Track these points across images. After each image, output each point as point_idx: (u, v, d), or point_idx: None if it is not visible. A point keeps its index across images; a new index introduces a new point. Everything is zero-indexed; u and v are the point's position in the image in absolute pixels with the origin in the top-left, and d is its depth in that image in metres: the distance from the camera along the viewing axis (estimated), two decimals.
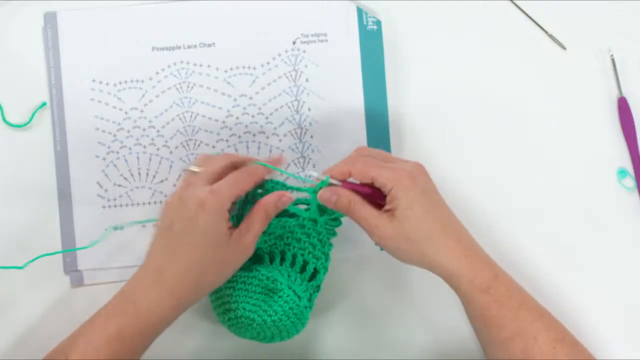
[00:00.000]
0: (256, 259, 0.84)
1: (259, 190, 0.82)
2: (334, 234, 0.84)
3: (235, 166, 0.81)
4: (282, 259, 0.84)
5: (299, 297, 0.81)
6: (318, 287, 0.84)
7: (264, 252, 0.84)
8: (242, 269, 0.81)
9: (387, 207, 0.77)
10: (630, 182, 0.94)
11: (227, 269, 0.79)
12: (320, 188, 0.79)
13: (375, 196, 0.79)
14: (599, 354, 0.79)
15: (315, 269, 0.83)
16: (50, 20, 0.92)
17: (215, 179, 0.78)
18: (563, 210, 0.93)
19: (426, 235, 0.76)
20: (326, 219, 0.82)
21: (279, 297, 0.80)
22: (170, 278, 0.76)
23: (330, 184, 0.79)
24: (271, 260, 0.84)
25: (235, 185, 0.77)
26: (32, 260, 0.85)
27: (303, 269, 0.84)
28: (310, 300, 0.83)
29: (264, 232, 0.82)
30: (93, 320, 0.76)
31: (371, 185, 0.79)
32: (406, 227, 0.76)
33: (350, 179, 0.79)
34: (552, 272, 0.89)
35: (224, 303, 0.82)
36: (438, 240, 0.77)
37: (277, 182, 0.82)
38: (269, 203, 0.80)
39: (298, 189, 0.82)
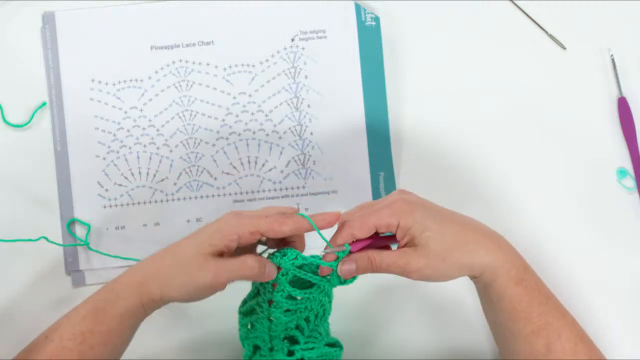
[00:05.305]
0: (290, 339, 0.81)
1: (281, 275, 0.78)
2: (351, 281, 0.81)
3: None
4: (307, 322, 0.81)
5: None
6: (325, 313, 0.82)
7: (292, 327, 0.80)
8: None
9: (402, 242, 0.76)
10: (630, 182, 0.94)
11: (191, 280, 0.75)
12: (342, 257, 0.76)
13: (381, 246, 0.77)
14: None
15: (324, 311, 0.81)
16: (48, 20, 0.92)
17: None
18: (563, 210, 0.93)
19: (455, 244, 0.75)
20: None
21: None
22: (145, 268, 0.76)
23: (350, 252, 0.76)
24: (302, 332, 0.81)
25: (258, 219, 0.74)
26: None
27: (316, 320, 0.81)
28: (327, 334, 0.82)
29: (286, 311, 0.79)
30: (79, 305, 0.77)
31: (374, 236, 0.77)
32: (433, 247, 0.74)
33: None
34: (551, 271, 0.89)
35: None
36: (468, 242, 0.76)
37: (297, 254, 0.77)
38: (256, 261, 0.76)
39: (319, 262, 0.77)
